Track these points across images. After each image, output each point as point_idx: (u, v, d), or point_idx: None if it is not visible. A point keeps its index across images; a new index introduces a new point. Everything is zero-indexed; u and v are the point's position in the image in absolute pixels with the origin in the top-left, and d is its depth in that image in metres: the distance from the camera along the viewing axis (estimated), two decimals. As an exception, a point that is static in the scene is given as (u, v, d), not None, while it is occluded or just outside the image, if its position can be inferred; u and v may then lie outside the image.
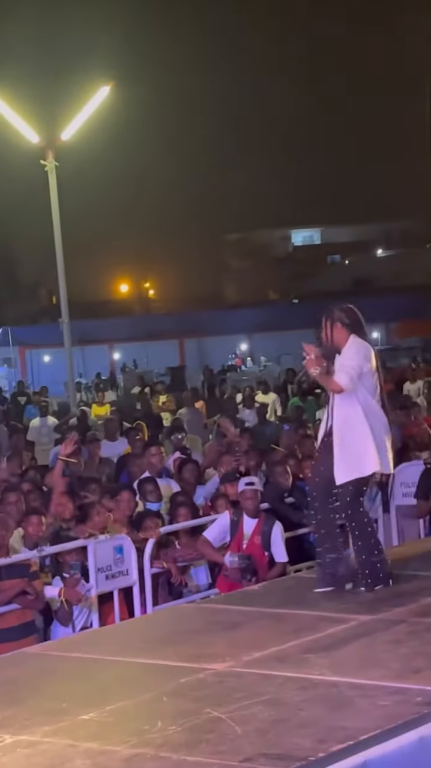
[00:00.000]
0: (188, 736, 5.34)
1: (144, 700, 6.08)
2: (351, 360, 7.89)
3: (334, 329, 8.02)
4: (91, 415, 24.95)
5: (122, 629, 8.53)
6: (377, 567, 8.07)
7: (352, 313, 8.06)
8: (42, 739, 5.47)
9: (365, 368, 7.90)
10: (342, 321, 8.01)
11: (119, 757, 5.16)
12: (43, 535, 9.72)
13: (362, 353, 7.93)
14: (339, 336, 7.99)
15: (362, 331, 8.05)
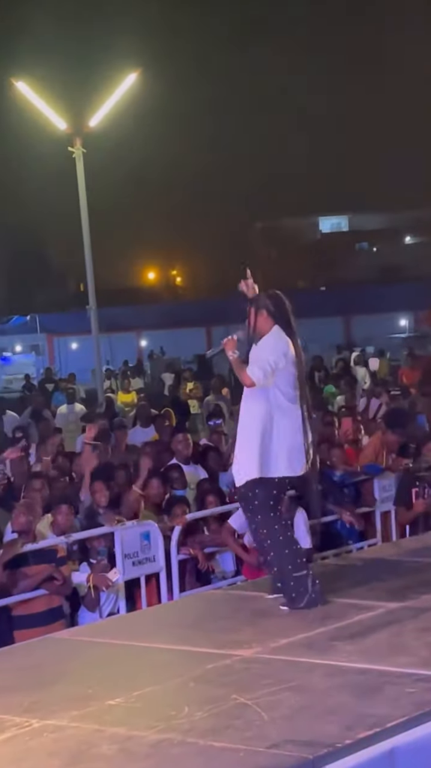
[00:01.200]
0: (214, 722, 5.34)
1: (171, 686, 6.08)
2: (268, 354, 7.41)
3: (259, 316, 7.59)
4: (118, 402, 24.98)
5: (149, 615, 8.54)
6: (297, 582, 7.44)
7: (279, 302, 7.65)
8: (69, 724, 5.48)
9: (281, 364, 7.41)
10: (268, 309, 7.60)
11: (145, 742, 5.17)
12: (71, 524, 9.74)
13: (280, 348, 7.46)
14: (263, 324, 7.56)
15: (287, 321, 7.59)
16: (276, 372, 7.38)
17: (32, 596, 9.00)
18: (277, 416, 7.40)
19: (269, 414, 7.39)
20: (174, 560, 9.86)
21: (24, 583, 9.02)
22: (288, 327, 7.58)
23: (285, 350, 7.46)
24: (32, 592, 9.02)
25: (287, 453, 7.42)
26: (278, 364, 7.39)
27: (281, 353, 7.44)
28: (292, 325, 7.60)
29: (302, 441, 7.43)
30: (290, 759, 4.83)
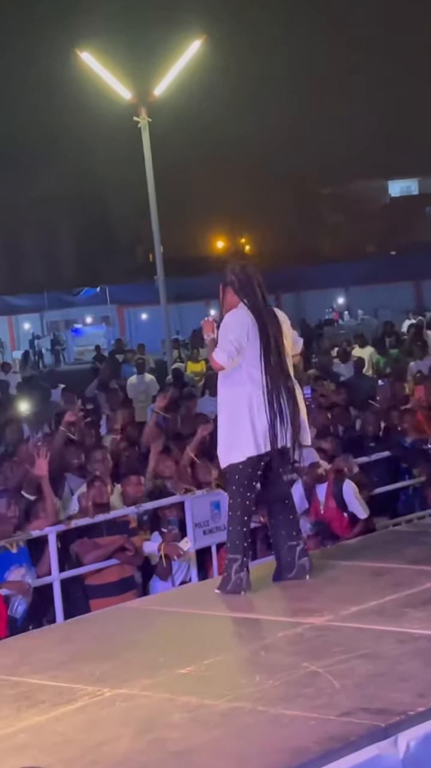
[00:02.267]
0: (285, 691, 5.33)
1: (241, 655, 6.09)
2: (228, 334, 7.13)
3: (226, 293, 7.32)
4: (187, 372, 25.00)
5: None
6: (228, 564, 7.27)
7: (242, 274, 7.31)
8: (141, 693, 5.50)
9: (243, 342, 7.10)
10: (233, 285, 7.28)
11: (216, 710, 5.17)
12: (141, 494, 9.77)
13: (240, 326, 7.14)
14: (231, 301, 7.28)
15: (252, 293, 7.26)
16: (242, 351, 7.15)
17: (104, 566, 9.06)
18: (255, 394, 7.16)
19: (249, 391, 7.17)
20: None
21: (96, 554, 9.08)
22: (255, 300, 7.27)
23: (246, 327, 7.16)
24: (105, 562, 9.08)
25: (253, 432, 7.15)
26: (241, 342, 7.13)
27: (243, 331, 7.15)
28: (258, 297, 7.28)
29: (267, 419, 7.13)
30: (362, 727, 4.80)
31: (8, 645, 6.93)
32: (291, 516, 7.48)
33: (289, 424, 7.21)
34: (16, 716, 5.31)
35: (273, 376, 7.19)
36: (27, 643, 6.80)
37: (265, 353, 7.16)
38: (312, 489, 9.63)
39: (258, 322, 7.20)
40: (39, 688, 5.69)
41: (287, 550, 7.37)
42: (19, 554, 8.82)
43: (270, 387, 7.17)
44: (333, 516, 9.48)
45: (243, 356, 7.14)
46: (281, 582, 7.35)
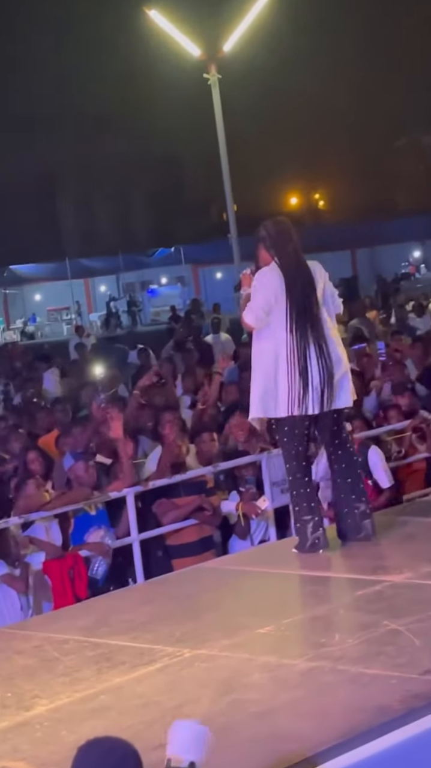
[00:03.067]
0: (365, 649, 5.29)
1: (321, 614, 6.05)
2: (258, 296, 7.06)
3: (259, 250, 7.21)
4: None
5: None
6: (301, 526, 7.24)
7: (274, 229, 7.20)
8: (220, 654, 5.50)
9: (271, 302, 7.00)
10: (264, 241, 7.18)
11: (296, 670, 5.15)
12: (215, 452, 9.75)
13: (268, 287, 7.04)
14: (264, 257, 7.16)
15: (283, 250, 7.12)
16: (270, 312, 7.05)
17: (184, 526, 9.08)
18: (281, 353, 7.05)
19: (274, 352, 7.07)
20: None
21: (175, 514, 9.10)
22: (287, 257, 7.13)
23: (274, 287, 7.05)
24: (184, 522, 9.10)
25: (291, 392, 7.04)
26: (269, 303, 7.03)
27: (270, 291, 7.05)
28: (290, 255, 7.14)
29: (307, 380, 7.02)
30: (444, 685, 4.75)
31: (88, 606, 6.99)
32: (351, 478, 7.39)
33: (324, 386, 7.06)
34: (97, 678, 5.34)
35: (302, 336, 7.05)
36: (107, 604, 6.84)
37: (293, 313, 7.04)
38: None
39: (287, 281, 7.08)
40: (119, 649, 5.72)
41: (348, 513, 7.31)
42: (98, 516, 8.86)
43: (297, 348, 7.04)
44: None
45: (272, 315, 7.06)
46: (353, 542, 7.29)
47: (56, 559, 8.38)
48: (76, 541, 8.70)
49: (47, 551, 8.42)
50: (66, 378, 16.11)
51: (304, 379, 7.01)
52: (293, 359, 7.02)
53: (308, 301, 7.10)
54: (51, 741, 4.61)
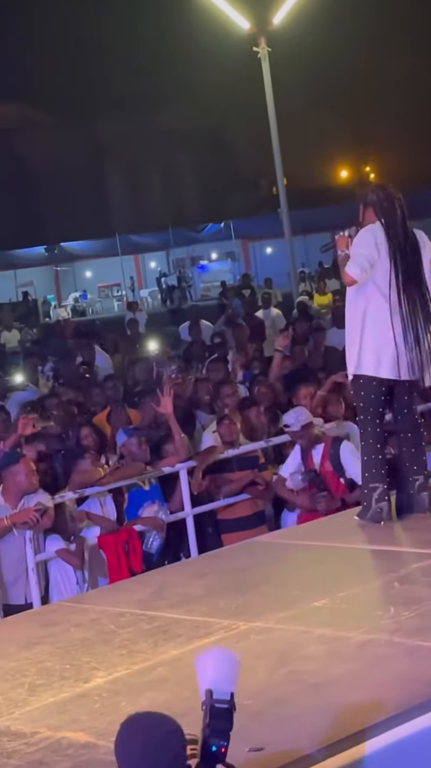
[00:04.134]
0: (421, 622, 5.30)
1: (376, 587, 6.07)
2: (360, 248, 7.04)
3: (365, 212, 7.20)
4: (314, 305, 24.84)
5: (349, 517, 8.48)
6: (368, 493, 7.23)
7: (383, 195, 7.18)
8: (275, 626, 5.53)
9: (375, 256, 7.00)
10: (373, 203, 7.16)
11: (352, 642, 5.17)
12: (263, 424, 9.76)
13: (370, 241, 7.04)
14: (368, 219, 7.16)
15: (392, 214, 7.09)
16: (374, 266, 7.02)
17: (236, 501, 9.12)
18: (370, 312, 7.04)
19: (364, 310, 7.07)
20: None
21: (228, 489, 9.15)
22: (394, 220, 7.11)
23: (378, 242, 7.04)
24: (236, 497, 9.14)
25: (377, 353, 7.03)
26: (373, 256, 7.01)
27: (373, 245, 7.03)
28: (398, 218, 7.11)
29: (395, 343, 6.99)
30: None
31: (144, 580, 7.04)
32: (414, 449, 7.35)
33: (419, 352, 7.04)
34: (154, 650, 5.39)
35: (405, 298, 7.03)
36: (162, 578, 6.89)
37: (397, 273, 7.03)
38: (308, 452, 8.70)
39: (392, 243, 7.06)
40: (175, 622, 5.77)
41: (409, 484, 7.29)
42: (152, 491, 8.93)
43: (400, 310, 7.02)
44: (331, 481, 8.58)
45: (375, 272, 7.04)
46: (408, 514, 7.28)
47: (111, 533, 8.46)
48: (130, 515, 8.78)
49: (102, 526, 8.50)
50: (118, 354, 16.16)
51: (402, 342, 7.00)
52: (392, 320, 7.00)
53: (413, 265, 7.09)
54: (109, 712, 4.66)
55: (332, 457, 8.54)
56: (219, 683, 3.36)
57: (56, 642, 5.72)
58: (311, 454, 8.66)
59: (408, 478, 7.27)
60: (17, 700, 5.01)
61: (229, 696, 3.34)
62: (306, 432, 8.69)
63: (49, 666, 5.37)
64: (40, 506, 8.04)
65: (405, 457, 7.31)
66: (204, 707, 3.33)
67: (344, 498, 8.45)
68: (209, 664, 3.42)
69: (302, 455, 8.70)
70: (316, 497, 8.44)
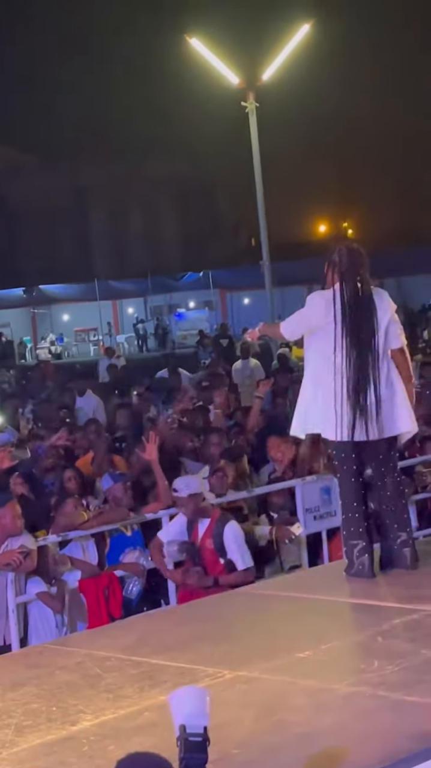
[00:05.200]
0: (405, 677, 5.36)
1: (359, 640, 6.13)
2: (302, 310, 7.28)
3: (328, 273, 7.32)
4: (292, 357, 24.99)
5: (332, 569, 8.56)
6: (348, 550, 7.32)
7: (347, 256, 7.28)
8: (260, 676, 5.58)
9: (313, 323, 7.17)
10: (334, 264, 7.28)
11: (337, 695, 5.23)
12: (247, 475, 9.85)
13: (312, 309, 7.20)
14: (331, 281, 7.29)
15: (351, 279, 7.21)
16: (318, 328, 7.18)
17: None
18: (325, 377, 7.17)
19: (317, 373, 7.23)
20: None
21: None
22: (353, 286, 7.23)
23: (319, 311, 7.18)
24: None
25: (338, 416, 7.13)
26: (310, 322, 7.20)
27: (313, 314, 7.20)
28: (356, 284, 7.24)
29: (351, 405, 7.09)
30: None
31: (128, 625, 7.09)
32: (395, 506, 7.44)
33: (371, 414, 7.12)
34: (140, 695, 5.43)
35: (351, 362, 7.14)
36: (146, 624, 6.94)
37: (345, 337, 7.12)
38: (194, 523, 8.29)
39: (343, 308, 7.16)
40: (160, 668, 5.81)
41: (391, 540, 7.39)
42: (134, 537, 8.97)
43: (347, 373, 7.12)
44: (209, 559, 8.16)
45: (325, 338, 7.15)
46: (391, 570, 7.37)
47: (92, 577, 8.48)
48: (111, 561, 8.81)
49: (83, 570, 8.52)
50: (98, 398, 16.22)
51: (352, 404, 7.11)
52: (342, 383, 7.11)
53: (360, 329, 7.18)
54: (98, 755, 4.70)
55: (215, 536, 8.17)
56: (192, 718, 3.45)
57: (42, 684, 5.76)
58: (196, 525, 8.29)
59: (392, 535, 7.35)
60: (4, 740, 5.03)
61: (202, 729, 3.42)
62: (193, 501, 8.23)
63: (36, 708, 5.40)
64: (23, 549, 8.06)
65: (387, 514, 7.40)
66: (179, 742, 3.41)
67: (218, 578, 8.11)
68: (182, 700, 3.51)
69: (188, 525, 8.32)
70: (189, 571, 8.13)
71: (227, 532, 8.13)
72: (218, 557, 8.10)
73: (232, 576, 8.04)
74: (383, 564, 7.39)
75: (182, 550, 8.11)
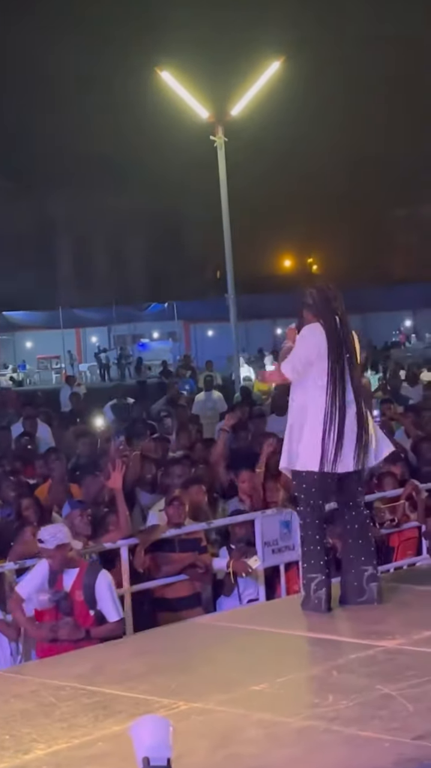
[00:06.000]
0: (359, 712, 5.38)
1: (314, 674, 6.15)
2: (298, 348, 7.38)
3: (303, 312, 7.49)
4: (254, 390, 25.07)
5: (290, 603, 8.56)
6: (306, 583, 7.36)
7: (320, 295, 7.47)
8: (215, 708, 5.58)
9: (311, 358, 7.32)
10: (308, 304, 7.46)
11: (291, 728, 5.24)
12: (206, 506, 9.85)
13: (311, 341, 7.35)
14: (308, 318, 7.45)
15: (329, 316, 7.39)
16: (309, 366, 7.33)
17: (175, 581, 9.15)
18: (311, 408, 7.30)
19: (305, 406, 7.33)
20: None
21: (168, 568, 9.17)
22: (332, 322, 7.40)
23: (318, 343, 7.33)
24: (175, 576, 9.17)
25: (320, 448, 7.23)
26: (309, 358, 7.32)
27: (312, 346, 7.34)
28: (337, 318, 7.42)
29: (336, 437, 7.22)
30: (437, 751, 4.84)
31: (83, 655, 7.05)
32: (361, 540, 7.50)
33: (356, 447, 7.27)
34: (94, 725, 5.42)
35: (341, 396, 7.29)
36: (101, 653, 6.92)
37: (335, 371, 7.29)
38: (59, 574, 7.70)
39: (331, 343, 7.33)
40: (115, 698, 5.80)
41: (356, 574, 7.42)
42: (91, 566, 8.92)
43: (336, 407, 7.26)
44: (79, 610, 7.60)
45: (314, 370, 7.30)
46: (352, 605, 7.40)
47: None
48: (68, 589, 8.75)
49: (40, 598, 8.46)
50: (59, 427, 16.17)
51: (340, 437, 7.21)
52: (330, 417, 7.22)
53: (349, 363, 7.37)
54: (50, 785, 4.68)
55: (86, 587, 7.67)
56: (155, 750, 3.43)
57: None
58: (61, 576, 7.73)
59: (355, 569, 7.38)
60: None
61: (166, 762, 3.40)
62: (60, 552, 7.73)
63: (-12, 735, 5.37)
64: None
65: (353, 548, 7.44)
66: None
67: (89, 630, 7.56)
68: (144, 731, 3.48)
69: (51, 576, 7.72)
70: (58, 623, 7.55)
71: (100, 582, 7.66)
72: (89, 609, 7.59)
73: (102, 628, 7.56)
74: (343, 598, 7.42)
75: (53, 599, 7.60)
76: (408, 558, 10.26)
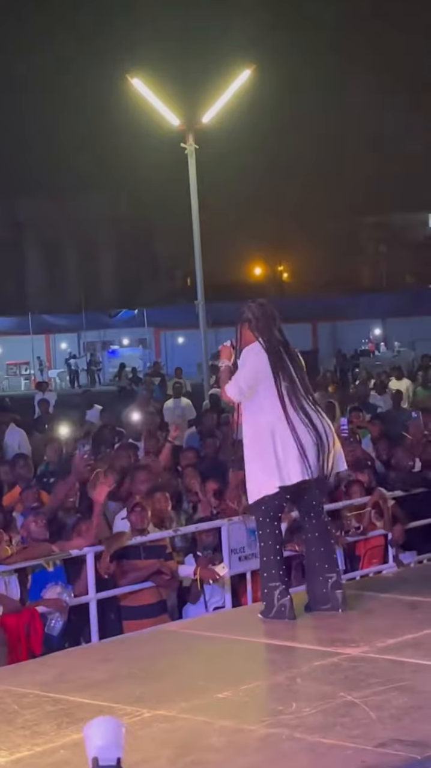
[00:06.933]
0: (322, 719, 5.39)
1: (278, 682, 6.15)
2: (242, 369, 7.32)
3: (242, 329, 7.42)
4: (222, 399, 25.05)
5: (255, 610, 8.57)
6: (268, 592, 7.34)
7: (260, 311, 7.41)
8: (179, 715, 5.57)
9: (260, 376, 7.25)
10: (248, 320, 7.38)
11: (254, 736, 5.24)
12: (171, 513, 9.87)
13: (254, 362, 7.28)
14: (247, 337, 7.39)
15: (268, 332, 7.35)
16: (255, 387, 7.28)
17: (141, 588, 9.15)
18: (276, 427, 7.23)
19: (269, 426, 7.24)
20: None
21: (133, 575, 9.17)
22: (271, 338, 7.37)
23: (261, 364, 7.28)
24: (141, 584, 9.17)
25: (279, 461, 7.21)
26: (256, 379, 7.26)
27: (259, 368, 7.28)
28: (275, 334, 7.39)
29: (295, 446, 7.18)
30: (398, 758, 4.85)
31: (48, 662, 7.03)
32: (324, 548, 7.51)
33: (315, 456, 7.25)
34: (57, 732, 5.40)
35: (292, 408, 7.26)
36: (66, 661, 6.90)
37: (284, 390, 7.26)
38: None
39: (274, 360, 7.31)
40: (79, 705, 5.78)
41: (320, 582, 7.43)
42: (56, 572, 8.90)
43: (291, 419, 7.23)
44: None
45: (261, 391, 7.26)
46: (316, 612, 7.41)
47: (13, 613, 8.41)
48: (33, 596, 8.74)
49: (5, 605, 8.44)
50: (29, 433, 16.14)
51: (299, 449, 7.18)
52: (288, 432, 7.19)
53: (298, 378, 7.34)
54: (11, 792, 4.66)
55: None
56: (105, 750, 3.40)
57: (-42, 719, 5.70)
58: None
59: (320, 577, 7.40)
60: None
61: (115, 761, 3.38)
62: None
63: None
64: None
65: (316, 556, 7.45)
66: None
67: None
68: (94, 732, 3.45)
69: None
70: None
71: None
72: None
73: None
74: (307, 606, 7.43)
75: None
76: (374, 566, 10.33)
